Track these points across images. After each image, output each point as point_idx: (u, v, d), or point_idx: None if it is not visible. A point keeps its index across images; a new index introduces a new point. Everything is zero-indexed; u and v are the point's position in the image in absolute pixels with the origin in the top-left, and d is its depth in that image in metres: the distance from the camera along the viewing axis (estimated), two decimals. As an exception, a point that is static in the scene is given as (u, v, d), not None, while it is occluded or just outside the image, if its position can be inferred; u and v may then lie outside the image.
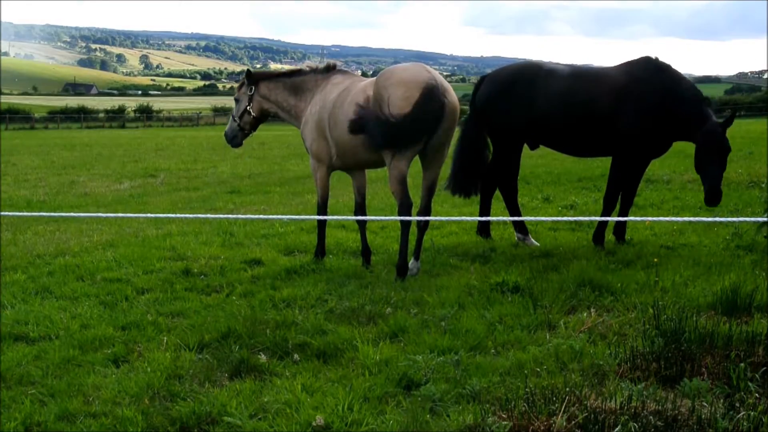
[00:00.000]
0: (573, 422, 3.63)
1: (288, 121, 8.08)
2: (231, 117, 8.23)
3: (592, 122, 8.01)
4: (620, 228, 8.54)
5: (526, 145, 8.80)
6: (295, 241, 8.81)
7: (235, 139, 8.16)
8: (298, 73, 7.94)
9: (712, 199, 7.68)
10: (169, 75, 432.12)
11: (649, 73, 7.92)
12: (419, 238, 7.18)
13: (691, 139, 7.86)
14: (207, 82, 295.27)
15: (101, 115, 76.22)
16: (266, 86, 7.96)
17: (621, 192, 8.40)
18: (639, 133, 7.86)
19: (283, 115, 8.04)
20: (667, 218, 4.49)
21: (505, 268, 7.15)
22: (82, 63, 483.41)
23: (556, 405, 3.75)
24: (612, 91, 7.95)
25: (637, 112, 7.81)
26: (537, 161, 18.71)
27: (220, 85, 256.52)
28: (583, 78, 8.22)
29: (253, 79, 8.01)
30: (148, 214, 11.43)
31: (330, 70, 7.81)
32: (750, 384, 4.00)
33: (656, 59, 8.07)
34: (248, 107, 8.01)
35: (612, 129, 7.94)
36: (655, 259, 7.09)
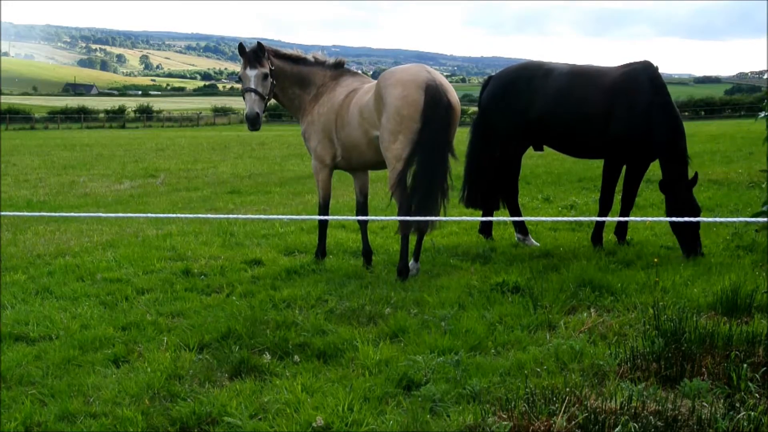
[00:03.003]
0: (573, 422, 3.63)
1: (287, 108, 7.89)
2: (249, 94, 7.21)
3: (585, 122, 7.99)
4: (621, 229, 8.52)
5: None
6: (295, 241, 8.82)
7: (259, 118, 7.22)
8: (303, 61, 7.66)
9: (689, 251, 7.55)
10: (169, 75, 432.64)
11: (645, 78, 7.83)
12: (419, 240, 7.18)
13: (661, 159, 7.71)
14: (207, 83, 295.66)
15: (101, 115, 76.17)
16: (275, 64, 7.51)
17: (621, 193, 8.38)
18: (629, 135, 7.81)
19: (284, 101, 7.74)
20: (667, 218, 4.49)
21: (506, 268, 7.16)
22: (82, 63, 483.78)
23: (557, 405, 3.76)
24: (606, 92, 7.92)
25: (628, 114, 7.75)
26: (537, 161, 18.71)
27: (220, 86, 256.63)
28: (578, 77, 8.18)
29: (265, 52, 7.41)
30: (148, 214, 11.43)
31: (339, 66, 7.71)
32: (750, 384, 4.00)
33: (656, 68, 8.01)
34: (272, 79, 7.41)
35: (604, 130, 7.91)
36: (655, 260, 7.08)
